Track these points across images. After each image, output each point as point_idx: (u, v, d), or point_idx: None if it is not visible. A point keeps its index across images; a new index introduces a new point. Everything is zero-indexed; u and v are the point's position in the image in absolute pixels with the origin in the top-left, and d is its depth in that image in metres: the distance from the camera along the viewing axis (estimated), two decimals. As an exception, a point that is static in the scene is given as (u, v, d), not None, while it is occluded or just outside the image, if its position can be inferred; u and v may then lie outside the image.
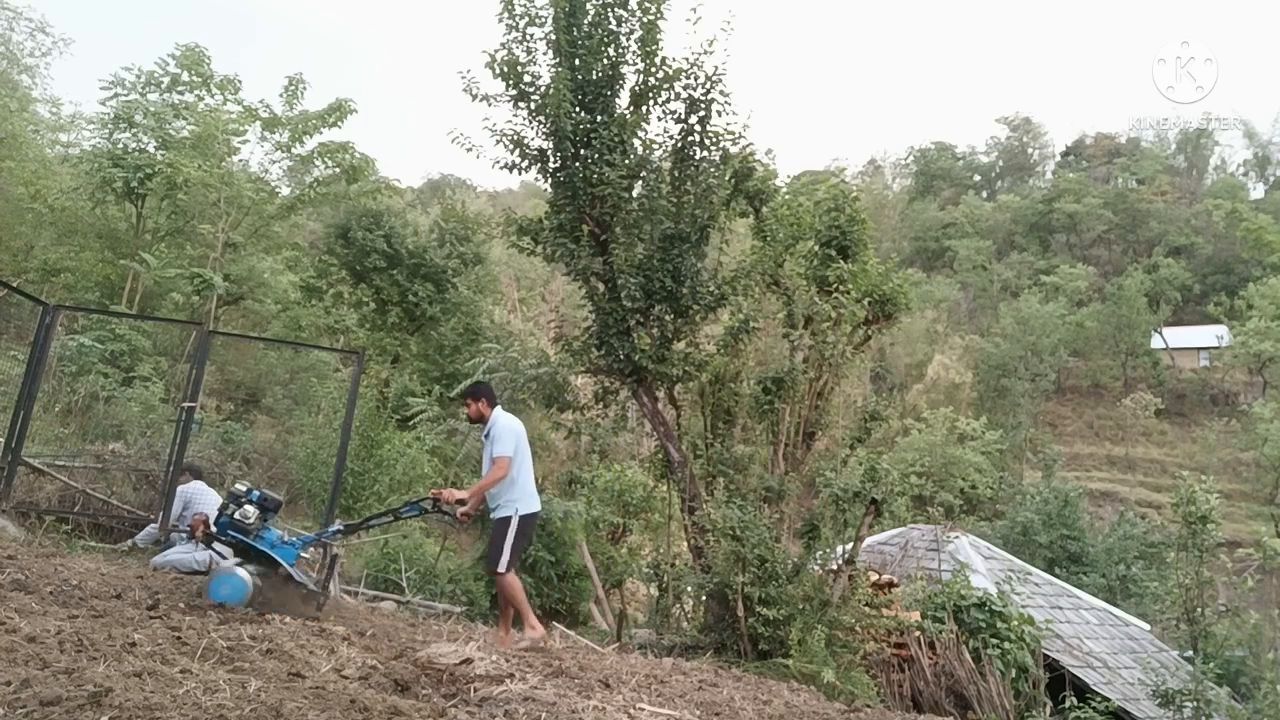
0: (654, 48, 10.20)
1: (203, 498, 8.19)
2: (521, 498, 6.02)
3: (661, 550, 13.48)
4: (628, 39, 10.26)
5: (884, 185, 74.15)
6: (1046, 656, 10.15)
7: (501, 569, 5.89)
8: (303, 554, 5.75)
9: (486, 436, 6.12)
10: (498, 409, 6.24)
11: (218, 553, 6.10)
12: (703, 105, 10.27)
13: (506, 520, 5.93)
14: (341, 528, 6.29)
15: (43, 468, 9.32)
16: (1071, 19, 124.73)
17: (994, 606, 9.73)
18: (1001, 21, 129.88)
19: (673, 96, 10.38)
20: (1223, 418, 43.48)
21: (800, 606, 8.30)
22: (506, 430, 6.06)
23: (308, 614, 5.38)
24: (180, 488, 8.32)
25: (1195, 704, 8.88)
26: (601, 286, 10.44)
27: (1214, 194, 60.44)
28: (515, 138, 10.36)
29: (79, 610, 4.24)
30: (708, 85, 10.22)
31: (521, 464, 6.08)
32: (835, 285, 10.17)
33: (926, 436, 34.70)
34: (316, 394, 17.90)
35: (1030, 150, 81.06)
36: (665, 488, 12.22)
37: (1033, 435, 43.12)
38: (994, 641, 9.35)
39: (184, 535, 8.17)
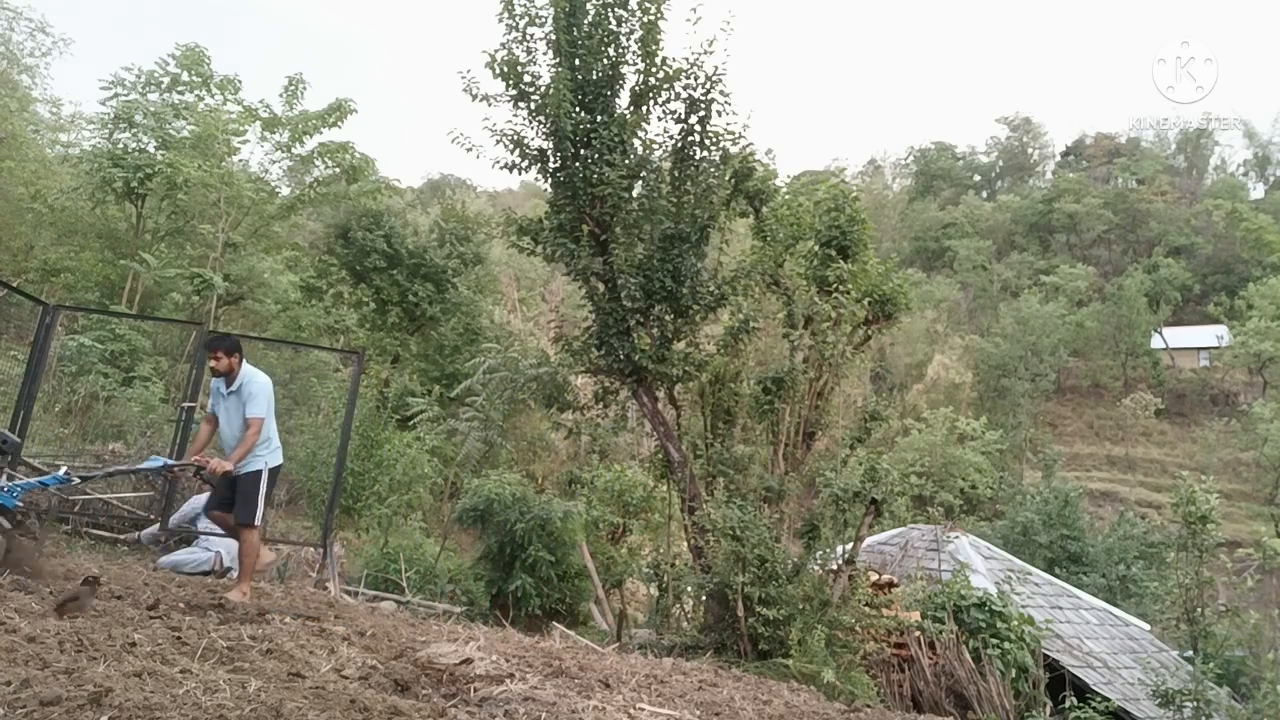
0: (654, 48, 10.20)
1: None
2: (269, 452, 6.18)
3: (661, 550, 13.48)
4: (628, 39, 10.26)
5: (884, 185, 74.14)
6: (1046, 656, 10.15)
7: (256, 521, 6.02)
8: (19, 503, 5.44)
9: (234, 392, 6.10)
10: (246, 364, 6.23)
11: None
12: (703, 105, 10.27)
13: (258, 474, 6.05)
14: (74, 479, 5.90)
15: (43, 468, 9.32)
16: (1071, 19, 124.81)
17: (994, 606, 9.73)
18: (1001, 21, 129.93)
19: (673, 96, 10.38)
20: (1223, 418, 43.46)
21: (800, 606, 8.30)
22: (261, 389, 6.10)
23: (33, 562, 5.20)
24: (195, 497, 8.32)
25: (1195, 704, 8.88)
26: (601, 286, 10.44)
27: (1214, 194, 60.44)
28: (515, 138, 10.36)
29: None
30: (708, 85, 10.22)
31: (270, 420, 6.20)
32: (835, 285, 10.17)
33: (926, 436, 34.69)
34: (316, 394, 17.89)
35: (1030, 150, 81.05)
36: (665, 488, 12.22)
37: (1033, 435, 43.13)
38: (994, 641, 9.35)
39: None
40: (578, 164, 10.18)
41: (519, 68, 10.17)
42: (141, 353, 17.60)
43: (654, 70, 10.26)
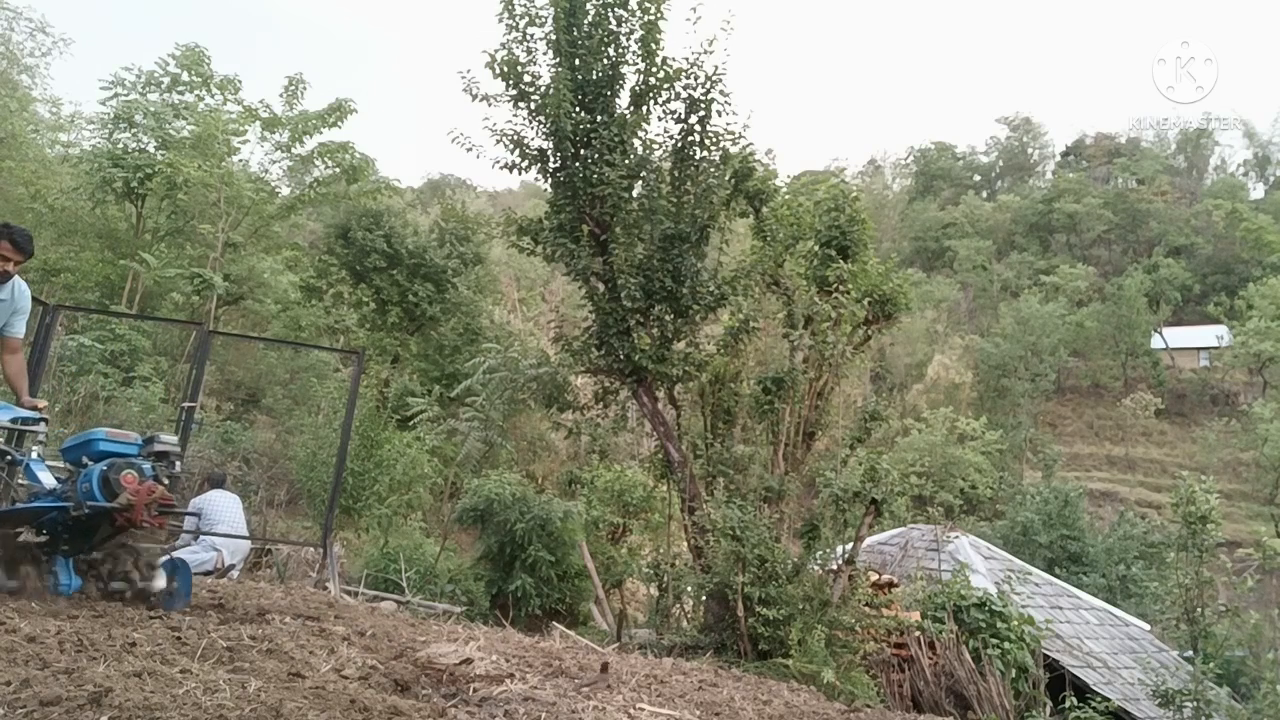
0: (654, 48, 10.20)
1: (215, 508, 8.12)
2: None
3: (661, 550, 13.48)
4: (628, 39, 10.26)
5: (884, 185, 74.09)
6: (1046, 656, 10.15)
7: None
8: None
9: (0, 299, 5.08)
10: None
11: None
12: (703, 105, 10.27)
13: None
14: None
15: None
16: (1071, 19, 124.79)
17: (994, 606, 9.73)
18: (1001, 21, 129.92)
19: (673, 96, 10.38)
20: (1223, 418, 43.44)
21: (800, 606, 8.30)
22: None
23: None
24: (194, 499, 8.30)
25: (1195, 704, 8.88)
26: (601, 286, 10.44)
27: (1214, 194, 60.54)
28: (515, 138, 10.36)
29: (79, 610, 4.23)
30: (708, 85, 10.22)
31: None
32: (835, 285, 10.17)
33: (926, 436, 34.69)
34: (316, 394, 17.91)
35: (1030, 150, 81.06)
36: (665, 488, 12.22)
37: (1033, 435, 43.10)
38: (994, 641, 9.35)
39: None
40: (578, 164, 10.18)
41: (519, 68, 10.18)
42: (141, 353, 17.61)
43: (654, 70, 10.26)
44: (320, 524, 9.90)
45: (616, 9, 10.15)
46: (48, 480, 4.51)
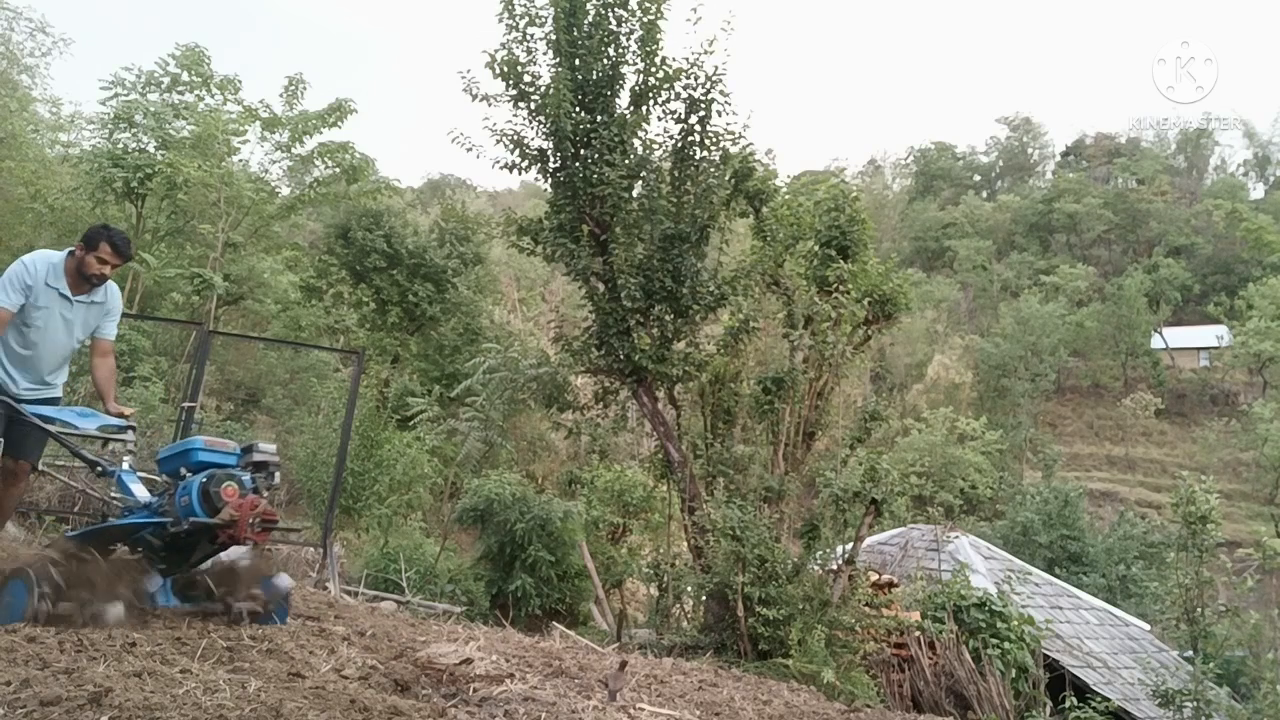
0: (654, 48, 10.21)
1: None
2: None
3: (661, 550, 13.48)
4: (628, 39, 10.27)
5: (884, 185, 73.99)
6: (1046, 656, 10.15)
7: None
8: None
9: (95, 303, 4.72)
10: None
11: None
12: (703, 105, 10.28)
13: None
14: None
15: (43, 468, 9.30)
16: (1071, 19, 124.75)
17: (994, 606, 9.73)
18: (1001, 21, 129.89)
19: (673, 96, 10.39)
20: (1223, 418, 43.41)
21: (800, 606, 8.30)
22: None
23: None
24: None
25: (1195, 704, 8.89)
26: (601, 286, 10.44)
27: (1214, 194, 60.41)
28: (515, 138, 10.37)
29: (79, 610, 4.22)
30: (708, 85, 10.22)
31: None
32: (835, 285, 10.17)
33: (926, 436, 34.66)
34: (316, 394, 17.92)
35: (1030, 150, 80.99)
36: (665, 488, 12.22)
37: (1033, 435, 43.09)
38: (994, 641, 9.35)
39: None
40: (578, 164, 10.18)
41: (519, 68, 10.18)
42: (141, 353, 17.62)
43: (654, 70, 10.26)
44: (320, 524, 9.89)
45: (616, 9, 10.16)
46: (141, 493, 4.23)
